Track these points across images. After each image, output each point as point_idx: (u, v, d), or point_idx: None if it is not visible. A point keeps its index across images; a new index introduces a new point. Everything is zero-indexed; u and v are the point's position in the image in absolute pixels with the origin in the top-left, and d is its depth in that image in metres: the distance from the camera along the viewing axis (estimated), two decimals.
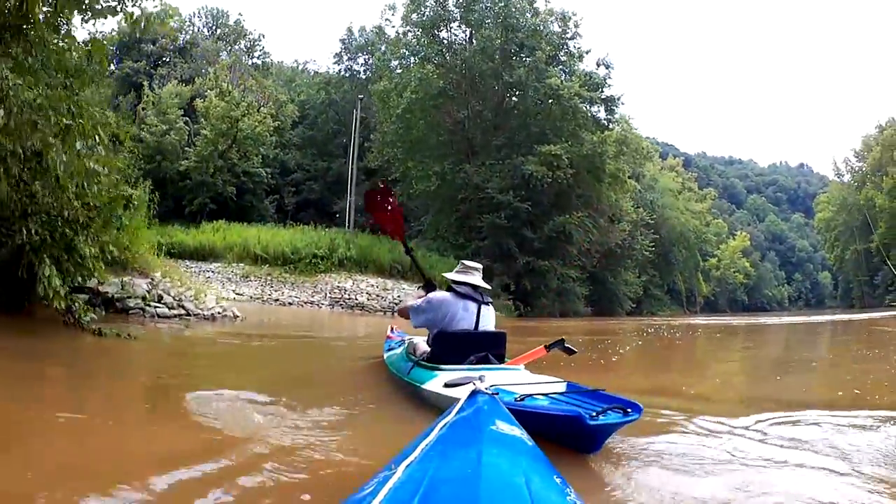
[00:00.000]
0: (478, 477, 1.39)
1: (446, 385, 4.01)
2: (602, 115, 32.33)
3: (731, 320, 32.59)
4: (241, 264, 24.93)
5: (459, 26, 32.74)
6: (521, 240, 27.58)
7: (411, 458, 1.60)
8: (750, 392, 6.56)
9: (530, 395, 3.59)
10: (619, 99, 31.91)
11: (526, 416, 2.73)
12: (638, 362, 10.10)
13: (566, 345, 5.19)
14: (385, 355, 6.29)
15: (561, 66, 31.60)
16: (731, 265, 77.51)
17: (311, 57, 64.29)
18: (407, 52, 32.86)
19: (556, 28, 32.31)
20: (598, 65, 32.12)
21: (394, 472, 1.52)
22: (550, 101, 29.65)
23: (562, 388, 3.96)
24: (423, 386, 4.32)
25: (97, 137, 6.99)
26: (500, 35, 30.28)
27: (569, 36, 32.41)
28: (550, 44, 31.10)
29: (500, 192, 27.43)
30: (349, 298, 22.04)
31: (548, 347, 5.15)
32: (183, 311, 11.18)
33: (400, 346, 6.21)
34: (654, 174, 52.07)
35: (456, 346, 4.75)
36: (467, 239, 28.71)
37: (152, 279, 11.44)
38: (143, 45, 47.01)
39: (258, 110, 37.37)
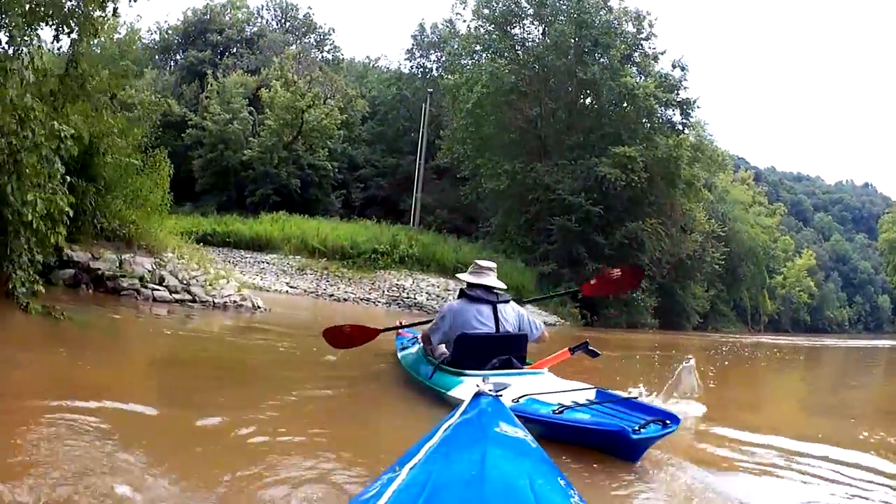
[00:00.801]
0: (482, 479, 1.39)
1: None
2: (677, 118, 30.88)
3: (802, 341, 30.73)
4: (298, 257, 24.27)
5: (532, 22, 31.68)
6: (591, 245, 26.41)
7: (415, 459, 1.62)
8: None
9: (568, 407, 3.52)
10: (694, 102, 30.45)
11: (567, 430, 3.20)
12: (747, 389, 8.88)
13: (590, 348, 5.06)
14: (399, 354, 6.06)
15: (636, 67, 30.34)
16: (796, 284, 74.23)
17: (383, 52, 63.32)
18: (479, 47, 31.91)
19: (630, 28, 30.98)
20: (674, 66, 30.61)
21: (398, 474, 1.53)
22: (625, 102, 28.51)
23: (592, 395, 3.90)
24: (451, 393, 4.22)
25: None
26: (573, 32, 29.17)
27: (643, 36, 31.06)
28: (625, 42, 29.85)
29: (572, 193, 26.34)
30: (407, 297, 21.13)
31: (572, 350, 5.04)
32: (188, 297, 10.12)
33: (413, 343, 6.10)
34: (726, 185, 49.92)
35: (478, 350, 4.62)
36: (535, 242, 27.63)
37: (160, 259, 10.45)
38: (208, 36, 47.16)
39: (324, 102, 36.83)
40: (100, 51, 57.62)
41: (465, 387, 4.07)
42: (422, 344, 5.45)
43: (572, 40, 29.20)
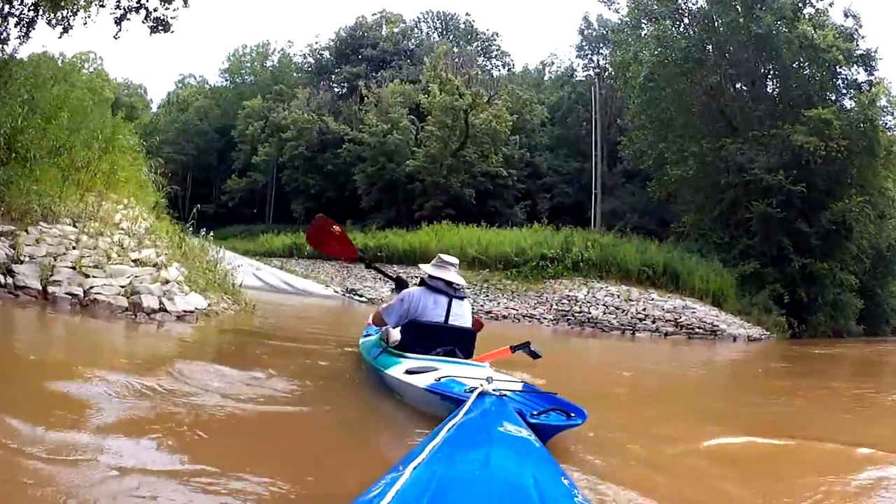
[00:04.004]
0: (487, 478, 1.45)
1: (407, 372, 4.15)
2: (861, 76, 24.57)
3: None
4: None
5: None
6: (795, 235, 21.47)
7: (419, 459, 1.61)
8: None
9: None
10: (875, 52, 24.11)
11: None
12: None
13: (532, 348, 5.23)
14: (361, 341, 6.15)
15: (809, 18, 24.85)
16: None
17: (552, 52, 61.18)
18: (641, 16, 27.86)
19: None
20: (846, 15, 24.60)
21: (401, 474, 1.53)
22: (804, 57, 23.79)
23: (518, 387, 3.94)
24: (386, 371, 4.47)
25: None
26: None
27: None
28: None
29: (769, 171, 21.69)
30: (580, 312, 17.06)
31: (513, 349, 5.29)
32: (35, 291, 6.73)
33: (377, 332, 5.74)
34: None
35: (424, 337, 4.81)
36: (733, 237, 23.14)
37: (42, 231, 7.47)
38: (362, 51, 47.32)
39: (488, 101, 33.97)
40: (253, 79, 61.03)
41: (401, 367, 4.30)
42: (383, 330, 5.32)
43: None
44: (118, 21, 16.95)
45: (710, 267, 19.75)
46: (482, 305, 18.27)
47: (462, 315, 5.07)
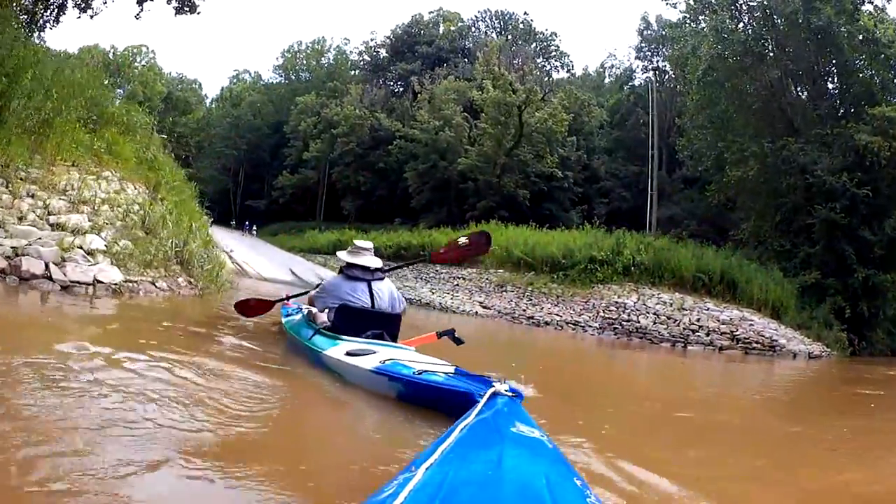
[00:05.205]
0: (500, 479, 1.44)
1: (348, 353, 4.38)
2: None
3: None
4: (501, 271, 20.37)
5: None
6: (858, 244, 20.11)
7: (431, 459, 1.61)
8: None
9: (428, 372, 3.86)
10: None
11: (420, 389, 3.75)
12: None
13: (456, 335, 5.26)
14: (284, 321, 6.32)
15: (869, 11, 23.42)
16: None
17: (611, 52, 60.31)
18: (700, 9, 26.79)
19: None
20: None
21: (414, 474, 1.53)
22: (863, 53, 22.65)
23: (451, 370, 3.96)
24: (326, 352, 4.63)
25: None
26: None
27: None
28: None
29: (832, 174, 20.43)
30: (628, 320, 15.99)
31: (439, 335, 5.33)
32: None
33: (298, 312, 6.37)
34: None
35: (355, 321, 5.02)
36: (794, 244, 21.87)
37: None
38: (417, 48, 47.02)
39: (542, 98, 33.08)
40: (308, 75, 61.68)
41: (340, 348, 4.53)
42: (306, 311, 5.90)
43: None
44: (140, 1, 16.54)
45: (769, 276, 18.49)
46: (524, 310, 17.49)
47: (384, 296, 5.30)
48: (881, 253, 20.27)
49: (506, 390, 2.14)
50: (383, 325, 5.10)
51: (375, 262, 5.39)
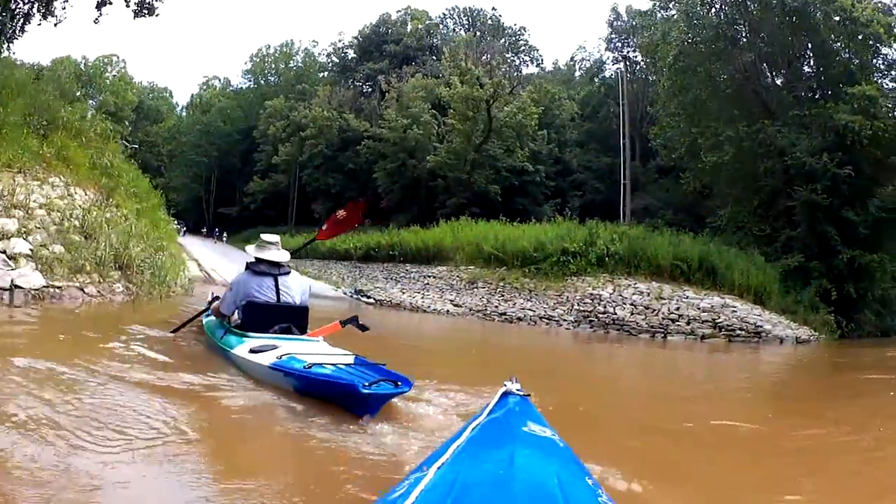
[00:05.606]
0: (511, 479, 1.41)
1: (251, 351, 4.46)
2: None
3: None
4: (471, 267, 19.61)
5: None
6: (841, 225, 19.81)
7: (443, 459, 1.62)
8: None
9: (318, 364, 4.01)
10: None
11: (311, 382, 3.88)
12: None
13: (360, 322, 5.42)
14: (204, 320, 6.24)
15: None
16: None
17: (580, 44, 60.40)
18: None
19: None
20: None
21: (425, 474, 1.53)
22: (841, 33, 22.21)
23: (350, 360, 4.31)
24: (233, 351, 4.76)
25: None
26: None
27: None
28: None
29: (811, 155, 20.10)
30: (604, 312, 15.25)
31: (343, 323, 5.48)
32: None
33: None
34: None
35: (262, 316, 5.07)
36: (774, 228, 21.57)
37: None
38: (385, 47, 46.57)
39: (510, 92, 32.40)
40: (276, 79, 61.23)
41: (245, 346, 4.62)
42: (212, 308, 5.98)
43: None
44: (99, 5, 16.06)
45: (750, 261, 17.89)
46: (496, 307, 16.75)
47: (291, 290, 5.33)
48: (866, 233, 19.95)
49: (517, 389, 2.06)
50: (291, 318, 5.17)
51: (283, 256, 5.40)
